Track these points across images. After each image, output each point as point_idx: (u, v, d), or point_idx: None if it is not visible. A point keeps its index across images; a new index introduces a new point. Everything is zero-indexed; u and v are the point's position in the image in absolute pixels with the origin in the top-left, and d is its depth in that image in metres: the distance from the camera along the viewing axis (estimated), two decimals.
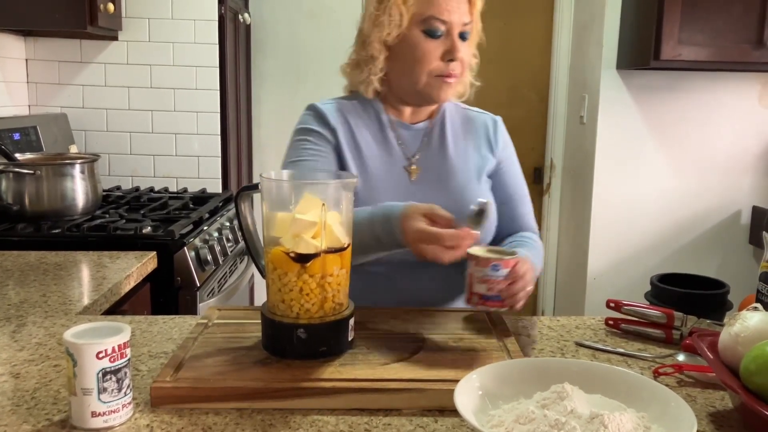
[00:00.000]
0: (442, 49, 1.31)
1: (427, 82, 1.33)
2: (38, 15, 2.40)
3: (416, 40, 1.31)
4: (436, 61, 1.31)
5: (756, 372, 0.84)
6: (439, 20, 1.30)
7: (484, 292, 1.10)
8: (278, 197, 1.02)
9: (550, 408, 0.79)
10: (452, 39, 1.31)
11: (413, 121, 1.42)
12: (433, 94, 1.34)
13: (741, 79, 3.09)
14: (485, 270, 1.10)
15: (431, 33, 1.30)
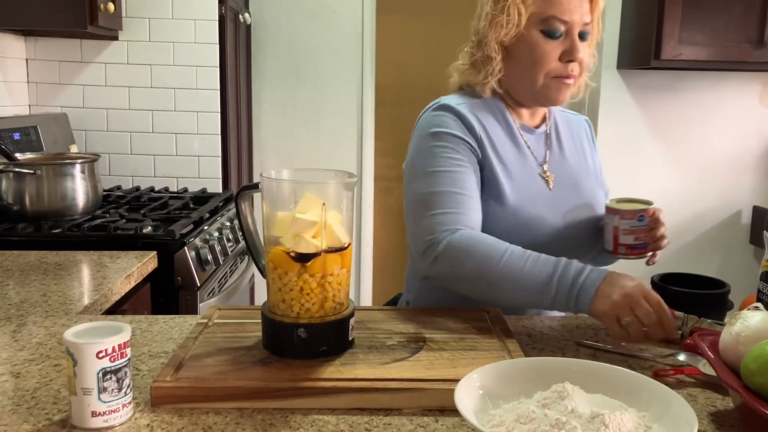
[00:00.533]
0: (561, 50, 1.27)
1: (544, 84, 1.29)
2: (38, 15, 2.40)
3: (535, 41, 1.28)
4: (554, 62, 1.27)
5: (757, 371, 0.84)
6: (560, 20, 1.26)
7: (632, 242, 1.20)
8: (278, 197, 1.02)
9: (550, 407, 0.79)
10: (572, 39, 1.27)
11: (533, 125, 1.39)
12: (551, 95, 1.31)
13: (741, 79, 3.09)
14: (632, 221, 1.19)
15: (551, 33, 1.27)
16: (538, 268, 1.13)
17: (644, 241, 1.22)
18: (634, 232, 1.20)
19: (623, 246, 1.22)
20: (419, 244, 1.22)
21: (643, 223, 1.20)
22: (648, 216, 1.20)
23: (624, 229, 1.20)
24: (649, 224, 1.20)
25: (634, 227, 1.20)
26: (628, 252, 1.22)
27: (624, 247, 1.22)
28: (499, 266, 1.14)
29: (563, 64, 1.28)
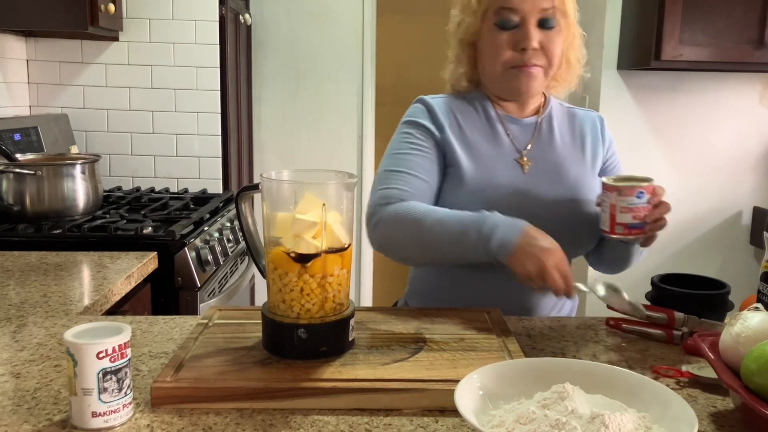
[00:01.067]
0: (515, 40, 1.28)
1: (503, 75, 1.31)
2: (39, 16, 2.41)
3: (490, 34, 1.30)
4: (508, 52, 1.29)
5: (757, 372, 0.84)
6: (510, 10, 1.27)
7: (629, 221, 1.12)
8: (279, 197, 1.02)
9: (550, 408, 0.79)
10: (525, 28, 1.27)
11: (521, 116, 1.40)
12: (512, 85, 1.32)
13: (742, 80, 3.09)
14: (630, 198, 1.11)
15: (503, 24, 1.28)
16: (459, 225, 1.20)
17: (643, 221, 1.13)
18: (632, 210, 1.12)
19: (621, 225, 1.14)
20: (366, 215, 1.32)
21: (642, 200, 1.12)
22: (648, 193, 1.13)
23: (621, 207, 1.13)
24: (648, 202, 1.13)
25: (632, 205, 1.12)
26: (626, 232, 1.14)
27: (621, 227, 1.14)
28: (426, 227, 1.23)
29: (518, 53, 1.28)
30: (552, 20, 1.29)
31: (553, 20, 1.29)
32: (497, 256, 1.16)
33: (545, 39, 1.29)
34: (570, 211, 1.34)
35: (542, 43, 1.28)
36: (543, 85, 1.35)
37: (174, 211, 2.29)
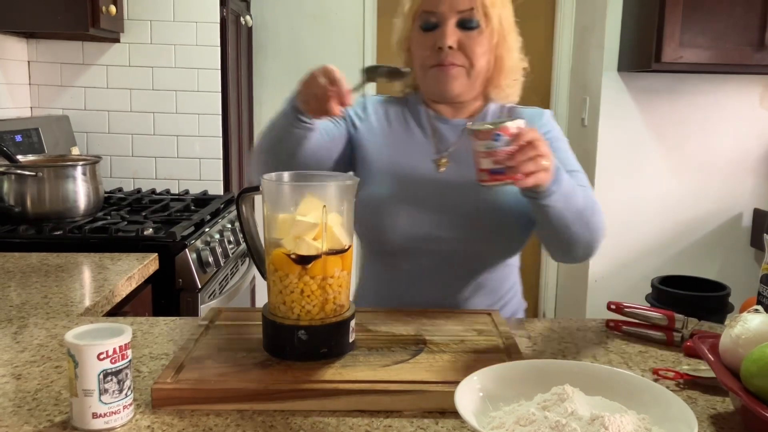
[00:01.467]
0: (434, 40, 1.29)
1: (425, 75, 1.32)
2: (40, 17, 2.41)
3: (415, 37, 1.33)
4: (427, 51, 1.30)
5: (757, 374, 0.84)
6: (429, 12, 1.29)
7: (491, 166, 1.05)
8: (279, 199, 1.02)
9: (550, 410, 0.79)
10: (442, 28, 1.28)
11: (453, 116, 1.40)
12: (434, 85, 1.32)
13: (742, 82, 3.09)
14: (487, 142, 1.04)
15: (425, 26, 1.30)
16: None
17: (503, 165, 1.04)
18: (491, 154, 1.03)
19: (483, 172, 1.05)
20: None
21: (500, 143, 1.03)
22: (506, 134, 1.03)
23: (482, 152, 1.04)
24: (508, 144, 1.03)
25: (491, 148, 1.03)
26: (489, 178, 1.05)
27: (485, 173, 1.05)
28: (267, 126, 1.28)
29: (435, 51, 1.29)
30: (472, 21, 1.28)
31: (473, 21, 1.28)
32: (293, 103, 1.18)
33: (465, 39, 1.28)
34: (489, 206, 1.30)
35: (461, 42, 1.28)
36: (469, 87, 1.33)
37: (175, 213, 2.29)
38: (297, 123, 1.19)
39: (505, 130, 1.04)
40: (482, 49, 1.31)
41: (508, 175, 1.05)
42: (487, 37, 1.31)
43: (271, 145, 1.26)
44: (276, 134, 1.24)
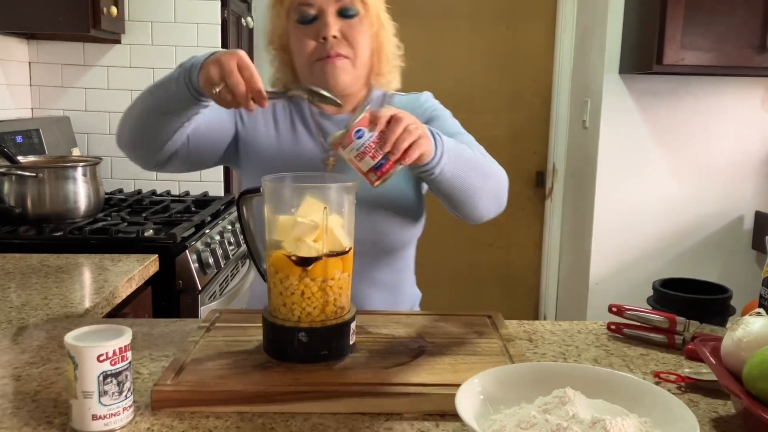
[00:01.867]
0: (316, 31, 1.27)
1: (311, 70, 1.29)
2: (41, 18, 2.41)
3: (294, 32, 1.30)
4: (310, 43, 1.27)
5: (759, 377, 0.83)
6: (306, 4, 1.27)
7: (372, 162, 1.02)
8: (280, 201, 1.02)
9: (551, 413, 0.78)
10: (323, 18, 1.26)
11: (337, 112, 1.37)
12: (321, 80, 1.28)
13: (744, 84, 3.09)
14: (352, 144, 1.02)
15: (302, 19, 1.28)
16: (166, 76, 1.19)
17: (381, 154, 1.01)
18: (363, 153, 1.01)
19: (370, 173, 1.02)
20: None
21: (364, 138, 1.01)
22: (364, 125, 1.02)
23: (355, 156, 1.01)
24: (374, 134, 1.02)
25: (360, 148, 1.01)
26: (378, 175, 1.02)
27: (371, 174, 1.02)
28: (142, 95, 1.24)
29: (321, 44, 1.27)
30: (351, 9, 1.27)
31: (352, 9, 1.27)
32: (192, 81, 1.13)
33: (346, 27, 1.27)
34: (383, 196, 1.29)
35: (343, 31, 1.27)
36: (355, 77, 1.31)
37: (175, 214, 2.29)
38: (192, 100, 1.15)
39: (359, 123, 1.03)
40: (364, 36, 1.30)
41: (390, 160, 1.03)
42: (367, 25, 1.30)
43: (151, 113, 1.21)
44: (162, 103, 1.19)
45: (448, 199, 1.23)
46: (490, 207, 1.27)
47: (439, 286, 3.68)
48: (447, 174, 1.15)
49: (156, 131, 1.23)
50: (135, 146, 1.31)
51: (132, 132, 1.28)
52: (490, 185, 1.25)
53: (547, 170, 3.65)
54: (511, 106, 3.59)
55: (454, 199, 1.22)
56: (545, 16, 3.52)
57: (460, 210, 1.26)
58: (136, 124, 1.26)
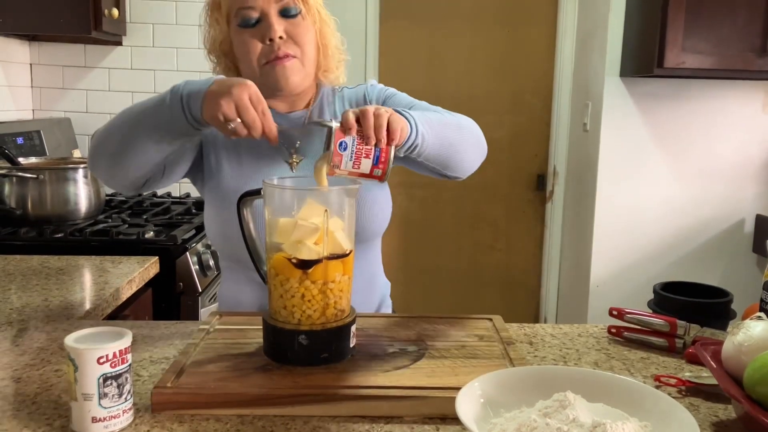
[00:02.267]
0: (261, 34, 1.26)
1: (260, 73, 1.28)
2: (43, 20, 2.41)
3: (237, 37, 1.29)
4: (257, 46, 1.26)
5: (760, 381, 0.83)
6: (246, 8, 1.26)
7: (370, 161, 1.04)
8: (281, 203, 1.02)
9: (552, 416, 0.78)
10: (267, 20, 1.25)
11: (290, 110, 1.37)
12: (272, 82, 1.27)
13: (745, 87, 3.09)
14: (344, 156, 1.03)
15: (245, 24, 1.26)
16: (155, 98, 1.17)
17: (375, 152, 1.02)
18: (358, 155, 1.02)
19: (375, 169, 1.03)
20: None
21: (350, 144, 1.02)
22: (344, 136, 1.02)
23: (352, 168, 1.03)
24: (353, 138, 1.03)
25: (353, 156, 1.02)
26: (381, 170, 1.04)
27: (377, 170, 1.03)
28: (126, 113, 1.21)
29: (267, 46, 1.26)
30: (293, 8, 1.26)
31: (294, 8, 1.26)
32: (192, 111, 1.10)
33: (291, 27, 1.26)
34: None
35: (288, 31, 1.26)
36: (305, 76, 1.31)
37: (176, 216, 2.29)
38: (191, 129, 1.13)
39: (336, 138, 1.04)
40: (309, 34, 1.29)
41: (384, 151, 1.05)
42: (310, 22, 1.30)
43: (140, 139, 1.17)
44: (153, 131, 1.16)
45: (437, 163, 1.25)
46: (475, 155, 1.31)
47: (439, 288, 3.68)
48: (429, 140, 1.18)
49: (143, 158, 1.20)
50: (116, 171, 1.26)
51: (115, 157, 1.22)
52: (467, 135, 1.29)
53: (547, 173, 3.65)
54: (512, 109, 3.59)
55: (443, 160, 1.25)
56: (546, 18, 3.53)
57: (451, 169, 1.28)
58: (120, 150, 1.20)
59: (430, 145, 1.18)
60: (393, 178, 1.15)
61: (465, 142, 1.28)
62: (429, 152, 1.19)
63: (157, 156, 1.20)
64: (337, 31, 1.39)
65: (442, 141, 1.21)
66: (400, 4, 3.50)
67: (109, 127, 1.23)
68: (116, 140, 1.21)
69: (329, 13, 1.37)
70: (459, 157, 1.27)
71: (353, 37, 3.46)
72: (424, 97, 1.39)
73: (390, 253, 3.53)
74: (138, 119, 1.17)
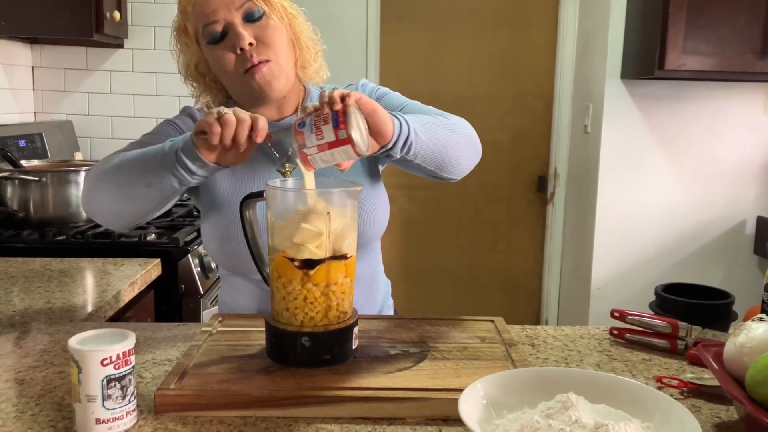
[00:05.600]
0: (231, 45, 1.24)
1: (242, 84, 1.27)
2: (45, 23, 2.42)
3: (210, 54, 1.27)
4: (231, 58, 1.24)
5: (762, 382, 0.84)
6: (210, 24, 1.24)
7: (330, 126, 0.99)
8: (283, 205, 1.02)
9: (554, 418, 0.78)
10: (233, 32, 1.23)
11: (278, 118, 1.35)
12: (254, 90, 1.26)
13: (746, 89, 3.09)
14: (306, 131, 1.00)
15: (213, 40, 1.25)
16: (153, 149, 1.15)
17: (333, 115, 0.99)
18: (318, 127, 0.99)
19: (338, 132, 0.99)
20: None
21: (308, 122, 1.00)
22: (304, 115, 1.02)
23: (317, 137, 0.99)
24: (314, 116, 1.01)
25: (313, 127, 1.00)
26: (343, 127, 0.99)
27: (343, 132, 0.99)
28: (124, 162, 1.18)
29: (240, 56, 1.24)
30: (256, 11, 1.24)
31: (257, 11, 1.24)
32: (186, 146, 1.09)
33: (259, 31, 1.24)
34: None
35: (257, 36, 1.24)
36: (287, 76, 1.29)
37: (177, 218, 2.29)
38: (185, 179, 1.12)
39: (297, 120, 1.03)
40: (279, 33, 1.27)
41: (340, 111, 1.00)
42: (277, 20, 1.27)
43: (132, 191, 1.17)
44: (145, 180, 1.14)
45: (432, 164, 1.23)
46: (470, 155, 1.30)
47: (441, 290, 3.69)
48: (425, 140, 1.17)
49: (144, 210, 1.20)
50: (112, 218, 1.25)
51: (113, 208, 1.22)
52: (461, 136, 1.28)
53: (549, 174, 3.66)
54: (514, 111, 3.59)
55: (438, 161, 1.24)
56: (547, 20, 3.53)
57: (446, 170, 1.27)
58: (121, 204, 1.20)
59: (425, 146, 1.18)
60: (394, 180, 1.16)
61: (459, 142, 1.27)
62: (424, 153, 1.19)
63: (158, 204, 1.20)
64: (307, 22, 1.35)
65: (436, 141, 1.21)
66: (400, 6, 3.51)
67: (99, 182, 1.21)
68: (114, 197, 1.20)
69: (295, 6, 1.33)
70: (454, 157, 1.26)
71: (354, 40, 3.47)
72: (426, 99, 1.39)
73: (391, 254, 3.53)
74: (134, 173, 1.16)
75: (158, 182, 1.14)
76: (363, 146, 1.02)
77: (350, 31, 3.44)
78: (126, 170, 1.17)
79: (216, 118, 1.04)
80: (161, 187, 1.14)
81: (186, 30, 1.30)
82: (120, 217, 1.24)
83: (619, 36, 3.06)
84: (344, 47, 3.43)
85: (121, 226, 1.27)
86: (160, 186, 1.14)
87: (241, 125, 1.05)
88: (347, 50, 3.44)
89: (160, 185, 1.14)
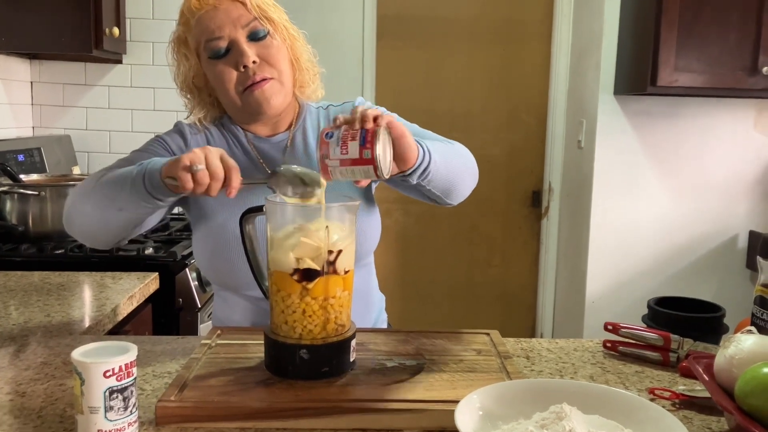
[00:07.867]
0: (234, 62, 1.25)
1: (241, 100, 1.28)
2: (44, 39, 2.44)
3: (211, 69, 1.28)
4: (233, 74, 1.26)
5: (750, 393, 0.85)
6: (214, 39, 1.25)
7: (357, 143, 1.00)
8: (282, 220, 1.04)
9: (548, 428, 0.80)
10: (237, 49, 1.25)
11: (272, 134, 1.37)
12: (253, 107, 1.28)
13: (737, 105, 3.13)
14: (332, 142, 1.01)
15: (215, 55, 1.26)
16: (126, 169, 1.17)
17: (361, 132, 1.00)
18: (345, 141, 0.99)
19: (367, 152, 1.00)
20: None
21: (336, 134, 1.01)
22: (335, 127, 1.02)
23: (341, 151, 1.00)
24: (344, 129, 1.01)
25: (340, 141, 1.00)
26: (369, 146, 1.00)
27: (368, 152, 1.00)
28: (101, 181, 1.20)
29: (242, 73, 1.26)
30: (260, 30, 1.26)
31: (261, 30, 1.26)
32: (152, 180, 1.10)
33: (262, 50, 1.26)
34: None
35: (260, 54, 1.26)
36: (285, 95, 1.31)
37: (175, 232, 2.31)
38: (152, 203, 1.14)
39: (324, 130, 1.03)
40: (281, 53, 1.29)
41: (370, 131, 1.01)
42: (280, 40, 1.29)
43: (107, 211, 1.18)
44: (119, 200, 1.16)
45: (440, 190, 1.25)
46: (471, 183, 1.33)
47: (437, 304, 3.70)
48: (440, 168, 1.19)
49: (120, 231, 1.23)
50: (89, 239, 1.29)
51: (91, 230, 1.25)
52: (468, 165, 1.31)
53: (543, 189, 3.68)
54: (508, 126, 3.62)
55: (449, 187, 1.25)
56: (541, 37, 3.57)
57: (452, 196, 1.29)
58: (97, 227, 1.23)
59: (439, 174, 1.20)
60: (390, 194, 1.17)
61: (466, 172, 1.29)
62: (437, 181, 1.21)
63: (135, 224, 1.23)
64: (307, 44, 1.38)
65: (449, 170, 1.23)
66: (396, 23, 3.55)
67: (78, 204, 1.23)
68: (91, 217, 1.22)
69: (296, 28, 1.36)
70: (461, 185, 1.28)
71: (350, 57, 3.50)
72: (421, 115, 1.41)
73: (387, 268, 3.54)
74: (109, 193, 1.18)
75: (131, 207, 1.16)
76: (385, 170, 1.04)
77: (346, 47, 3.47)
78: (101, 194, 1.19)
79: (190, 173, 1.03)
80: (135, 211, 1.17)
81: (186, 42, 1.31)
82: (95, 239, 1.27)
83: (612, 53, 3.09)
84: (341, 64, 3.46)
85: (102, 244, 1.29)
86: (135, 210, 1.17)
87: (215, 182, 1.04)
88: (344, 67, 3.47)
89: (135, 209, 1.17)
